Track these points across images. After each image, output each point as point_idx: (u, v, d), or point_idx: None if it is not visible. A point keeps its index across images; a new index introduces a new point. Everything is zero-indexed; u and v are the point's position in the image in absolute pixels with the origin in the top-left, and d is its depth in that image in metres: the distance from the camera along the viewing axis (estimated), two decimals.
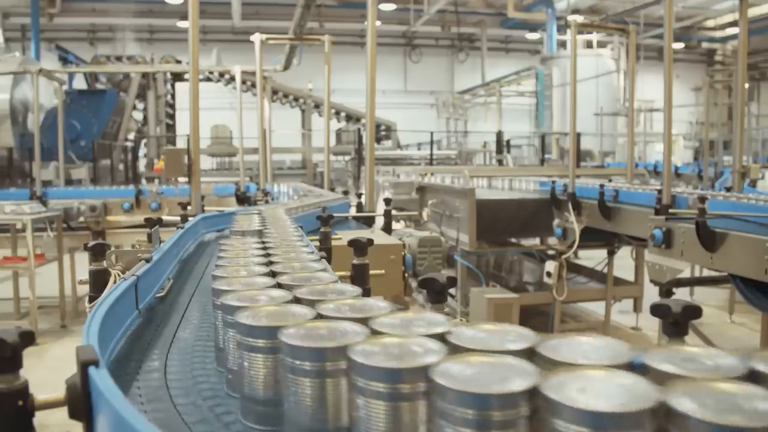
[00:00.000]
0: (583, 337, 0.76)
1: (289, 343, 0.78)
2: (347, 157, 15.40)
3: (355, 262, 1.84)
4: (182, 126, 14.79)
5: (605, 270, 6.19)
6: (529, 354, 0.72)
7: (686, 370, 0.66)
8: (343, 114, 16.77)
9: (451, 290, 3.92)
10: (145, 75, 15.18)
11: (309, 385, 0.78)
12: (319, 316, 0.90)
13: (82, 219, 6.97)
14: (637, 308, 6.44)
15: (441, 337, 0.77)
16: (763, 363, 0.68)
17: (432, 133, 15.85)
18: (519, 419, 0.61)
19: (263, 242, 1.61)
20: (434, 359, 0.69)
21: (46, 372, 2.47)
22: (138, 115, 15.98)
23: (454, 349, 0.73)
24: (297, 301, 1.00)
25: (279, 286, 1.11)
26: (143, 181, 13.98)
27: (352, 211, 4.38)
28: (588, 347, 0.73)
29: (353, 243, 1.85)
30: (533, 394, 0.61)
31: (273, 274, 1.20)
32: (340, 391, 0.77)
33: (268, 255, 1.40)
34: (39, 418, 0.83)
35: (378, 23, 4.72)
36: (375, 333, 0.80)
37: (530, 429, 0.61)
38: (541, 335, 0.76)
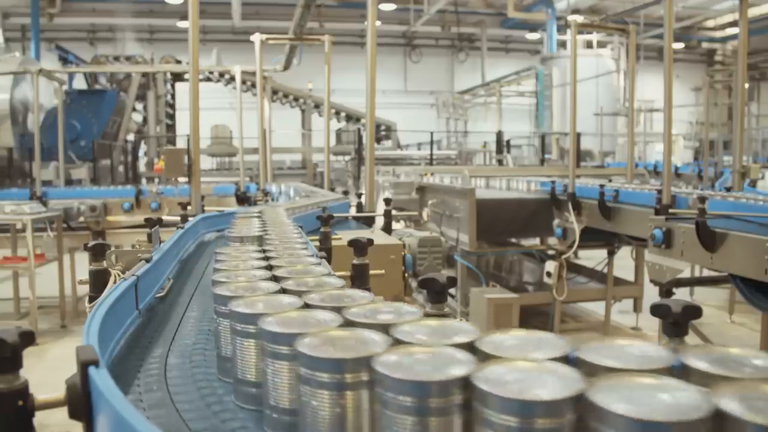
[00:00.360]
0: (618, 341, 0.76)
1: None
2: (347, 157, 15.41)
3: (355, 262, 1.84)
4: (182, 126, 14.80)
5: (605, 270, 6.19)
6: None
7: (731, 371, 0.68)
8: (343, 114, 16.77)
9: (451, 290, 3.92)
10: (145, 75, 15.18)
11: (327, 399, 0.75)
12: (347, 323, 0.89)
13: (82, 219, 6.97)
14: (637, 308, 6.44)
15: (471, 346, 0.76)
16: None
17: (432, 133, 15.85)
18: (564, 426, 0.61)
19: (266, 253, 1.53)
20: (468, 369, 0.67)
21: (46, 372, 2.47)
22: (138, 116, 15.99)
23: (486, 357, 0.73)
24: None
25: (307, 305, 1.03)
26: (143, 181, 13.98)
27: (352, 211, 4.38)
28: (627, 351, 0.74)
29: (353, 243, 1.85)
30: (578, 400, 0.61)
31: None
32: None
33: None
34: (39, 418, 0.83)
35: (378, 23, 4.72)
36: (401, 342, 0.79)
37: None
38: (573, 340, 0.76)
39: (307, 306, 0.98)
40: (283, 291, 1.09)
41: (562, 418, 0.60)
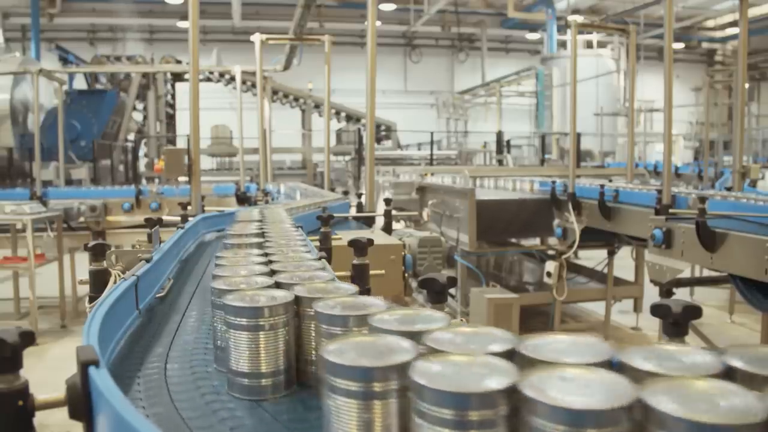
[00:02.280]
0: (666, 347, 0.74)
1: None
2: (347, 157, 15.41)
3: (355, 262, 1.84)
4: (182, 126, 14.80)
5: (605, 270, 6.19)
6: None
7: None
8: (343, 114, 16.77)
9: (451, 290, 3.92)
10: (145, 75, 15.18)
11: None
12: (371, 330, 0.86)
13: (82, 219, 6.97)
14: (637, 308, 6.44)
15: (509, 354, 0.73)
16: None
17: (432, 133, 15.85)
18: None
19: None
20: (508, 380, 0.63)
21: (46, 372, 2.47)
22: (138, 116, 15.99)
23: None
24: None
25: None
26: (143, 181, 13.99)
27: (353, 211, 4.38)
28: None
29: (353, 243, 1.85)
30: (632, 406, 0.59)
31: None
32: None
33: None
34: (39, 418, 0.83)
35: (378, 23, 4.72)
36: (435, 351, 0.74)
37: None
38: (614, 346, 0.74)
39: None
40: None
41: (615, 426, 0.58)
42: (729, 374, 0.67)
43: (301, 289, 1.10)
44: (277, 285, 1.16)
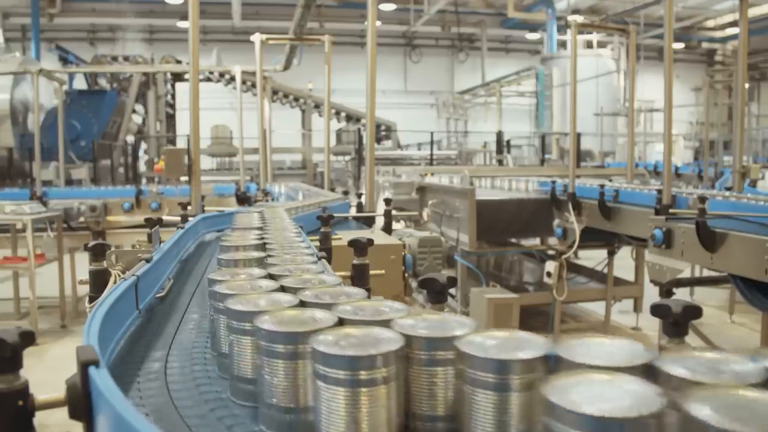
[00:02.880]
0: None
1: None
2: (347, 157, 15.40)
3: (355, 262, 1.84)
4: (182, 126, 14.80)
5: (605, 270, 6.19)
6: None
7: None
8: (343, 114, 16.77)
9: (451, 290, 3.92)
10: (145, 75, 15.18)
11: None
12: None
13: (82, 219, 6.97)
14: (637, 308, 6.44)
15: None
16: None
17: (432, 133, 15.85)
18: None
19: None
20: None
21: (46, 372, 2.47)
22: (138, 116, 15.99)
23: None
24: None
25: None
26: (143, 181, 13.98)
27: (353, 211, 4.38)
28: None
29: (353, 243, 1.85)
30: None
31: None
32: None
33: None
34: (39, 418, 0.83)
35: (378, 23, 4.72)
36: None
37: None
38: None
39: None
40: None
41: None
42: None
43: (405, 325, 0.85)
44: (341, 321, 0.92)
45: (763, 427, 0.54)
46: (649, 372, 0.68)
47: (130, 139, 15.51)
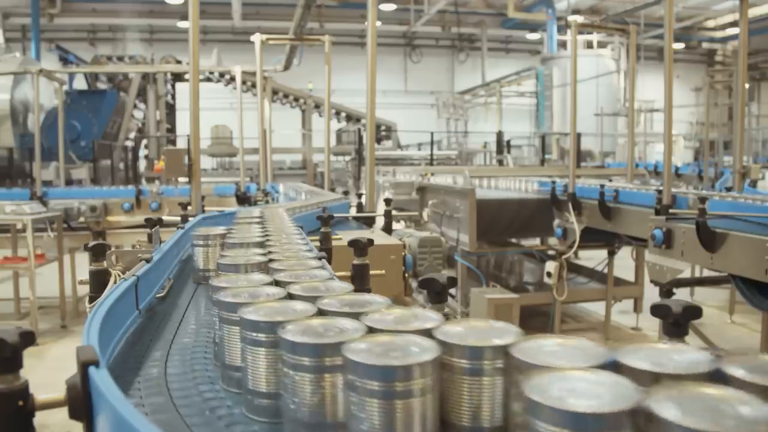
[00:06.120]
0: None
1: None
2: (347, 158, 15.40)
3: (355, 262, 1.84)
4: (182, 126, 14.80)
5: (605, 270, 6.19)
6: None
7: None
8: (343, 114, 16.78)
9: (452, 290, 3.92)
10: (145, 75, 15.18)
11: None
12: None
13: (82, 219, 6.97)
14: (637, 308, 6.44)
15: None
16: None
17: (432, 134, 15.85)
18: None
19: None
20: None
21: (47, 372, 2.48)
22: (138, 115, 15.99)
23: None
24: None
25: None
26: (143, 181, 13.99)
27: (353, 212, 4.38)
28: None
29: (353, 243, 1.85)
30: None
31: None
32: None
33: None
34: (39, 418, 0.83)
35: (378, 23, 4.72)
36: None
37: None
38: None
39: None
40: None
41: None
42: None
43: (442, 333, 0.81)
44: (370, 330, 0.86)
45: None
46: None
47: (131, 137, 15.52)
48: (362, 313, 0.91)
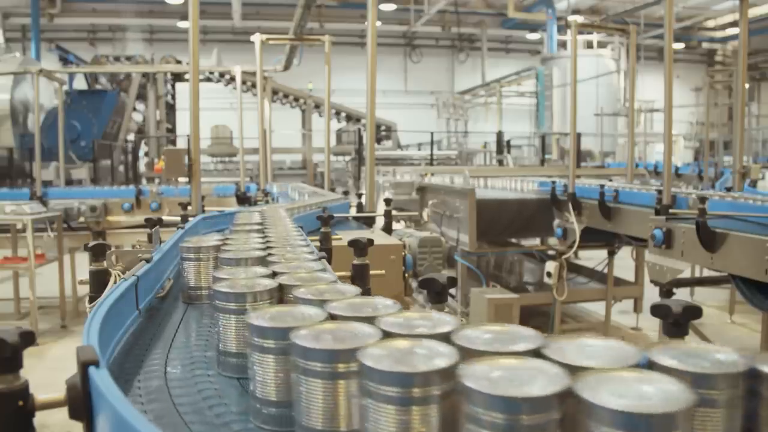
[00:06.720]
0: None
1: None
2: (347, 158, 15.41)
3: (355, 262, 1.84)
4: (182, 126, 14.81)
5: (605, 270, 6.19)
6: None
7: None
8: (343, 114, 16.78)
9: (452, 290, 3.92)
10: (145, 75, 15.19)
11: None
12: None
13: (82, 219, 6.97)
14: (637, 308, 6.44)
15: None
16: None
17: (432, 134, 15.86)
18: None
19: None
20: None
21: (47, 372, 2.48)
22: (138, 116, 16.00)
23: None
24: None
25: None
26: (143, 181, 13.99)
27: (353, 212, 4.38)
28: None
29: (353, 243, 1.85)
30: None
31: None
32: None
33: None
34: (39, 418, 0.83)
35: (378, 23, 4.72)
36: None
37: None
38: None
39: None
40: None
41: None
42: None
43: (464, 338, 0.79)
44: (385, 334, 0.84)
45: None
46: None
47: (131, 137, 15.52)
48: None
